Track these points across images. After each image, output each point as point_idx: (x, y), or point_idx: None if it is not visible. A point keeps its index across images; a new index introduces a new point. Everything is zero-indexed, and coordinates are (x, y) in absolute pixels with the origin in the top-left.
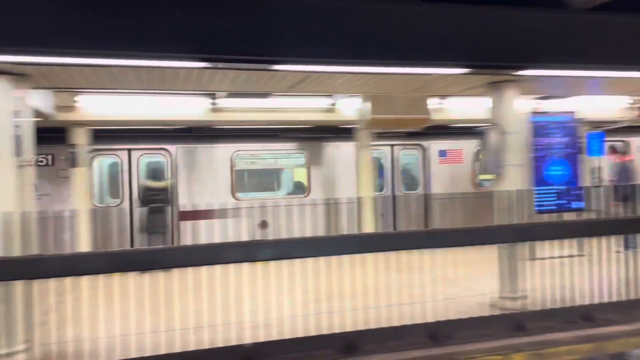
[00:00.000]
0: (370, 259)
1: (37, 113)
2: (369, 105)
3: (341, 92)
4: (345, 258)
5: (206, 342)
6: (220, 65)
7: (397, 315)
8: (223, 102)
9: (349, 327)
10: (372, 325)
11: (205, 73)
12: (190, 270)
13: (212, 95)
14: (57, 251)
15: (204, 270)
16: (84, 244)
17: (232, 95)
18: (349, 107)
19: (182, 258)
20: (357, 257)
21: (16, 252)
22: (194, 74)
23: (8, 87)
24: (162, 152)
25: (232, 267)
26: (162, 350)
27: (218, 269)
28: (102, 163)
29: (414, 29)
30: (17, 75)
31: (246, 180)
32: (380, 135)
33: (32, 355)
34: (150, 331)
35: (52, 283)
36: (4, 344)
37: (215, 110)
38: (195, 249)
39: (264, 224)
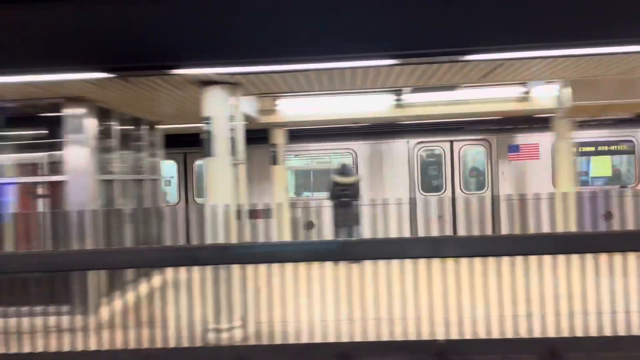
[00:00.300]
0: (575, 260)
1: (246, 117)
2: (569, 91)
3: (537, 78)
4: (547, 259)
5: (398, 334)
6: (410, 60)
7: (610, 325)
8: (408, 97)
9: (550, 333)
10: (579, 333)
11: (393, 69)
12: (381, 263)
13: (398, 92)
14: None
15: (394, 263)
16: (285, 234)
17: (417, 90)
18: (545, 95)
19: (370, 251)
20: (561, 258)
21: (233, 239)
22: (382, 72)
23: (225, 95)
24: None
25: (421, 262)
26: (357, 338)
27: (408, 262)
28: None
29: None
30: (232, 84)
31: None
32: (435, 129)
33: (246, 331)
34: (345, 319)
35: (262, 268)
36: (225, 320)
37: (399, 106)
38: (382, 242)
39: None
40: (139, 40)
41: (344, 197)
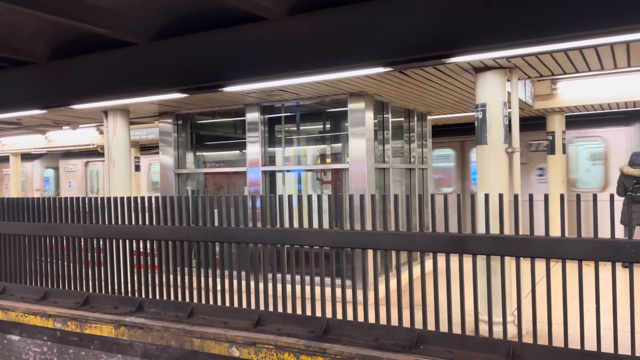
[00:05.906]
0: None
1: (520, 103)
2: None
3: None
4: None
5: None
6: None
7: None
8: None
9: None
10: None
11: None
12: None
13: None
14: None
15: None
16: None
17: None
18: None
19: None
20: None
21: (506, 231)
22: None
23: (501, 81)
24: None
25: None
26: None
27: None
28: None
29: None
30: (507, 68)
31: None
32: None
33: (519, 328)
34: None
35: (540, 263)
36: (497, 313)
37: None
38: None
39: None
40: (415, 32)
41: (637, 191)
